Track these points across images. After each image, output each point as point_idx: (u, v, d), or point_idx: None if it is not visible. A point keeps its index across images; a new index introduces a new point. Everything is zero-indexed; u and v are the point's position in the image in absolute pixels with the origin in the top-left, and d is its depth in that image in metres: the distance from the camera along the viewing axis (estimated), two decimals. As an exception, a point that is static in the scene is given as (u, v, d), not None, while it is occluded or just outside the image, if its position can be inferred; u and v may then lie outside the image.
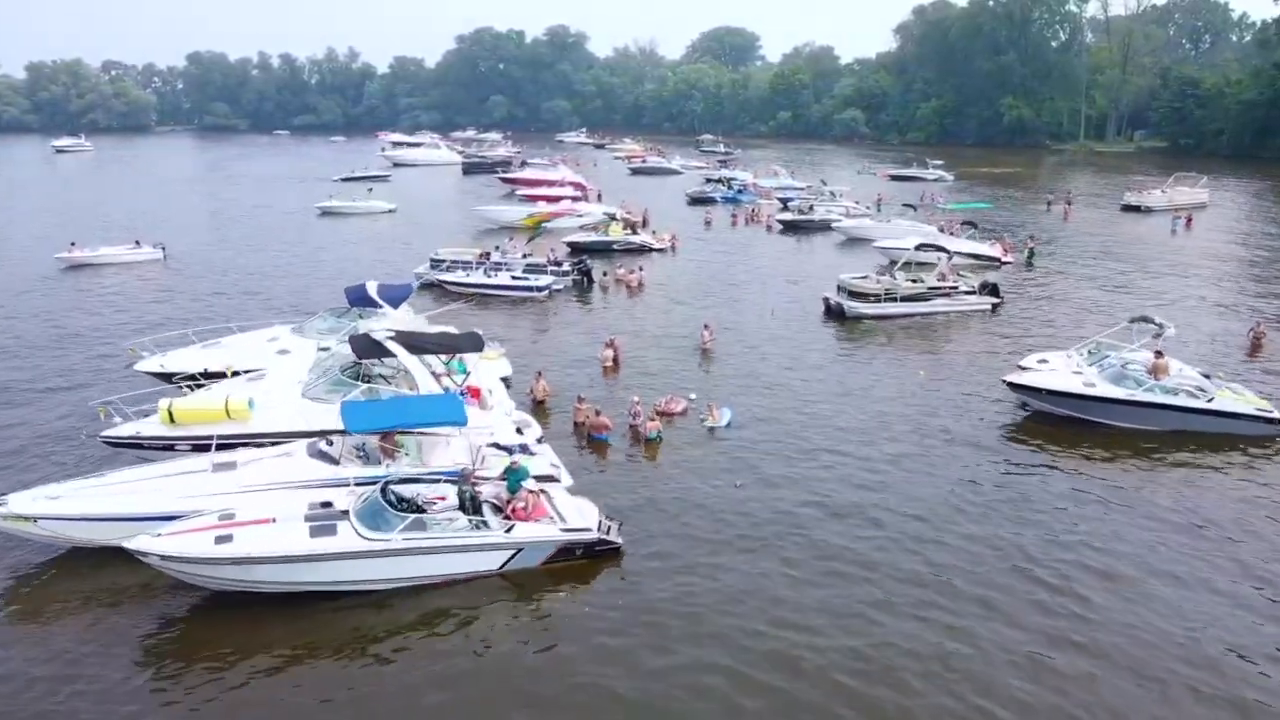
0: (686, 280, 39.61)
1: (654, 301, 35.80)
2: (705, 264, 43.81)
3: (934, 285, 32.70)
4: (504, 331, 30.79)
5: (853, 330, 31.31)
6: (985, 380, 25.32)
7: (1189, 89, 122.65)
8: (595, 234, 47.05)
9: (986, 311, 33.03)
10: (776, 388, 24.67)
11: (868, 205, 62.54)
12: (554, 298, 36.12)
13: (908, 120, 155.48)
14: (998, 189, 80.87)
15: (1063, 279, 40.12)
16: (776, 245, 50.60)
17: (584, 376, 25.64)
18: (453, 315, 30.76)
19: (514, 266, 37.69)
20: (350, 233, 54.73)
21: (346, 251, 47.89)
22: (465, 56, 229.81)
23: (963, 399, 23.91)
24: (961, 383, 25.35)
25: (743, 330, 31.16)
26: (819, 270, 42.54)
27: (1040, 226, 56.48)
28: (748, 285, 38.74)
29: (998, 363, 26.97)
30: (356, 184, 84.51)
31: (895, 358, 28.05)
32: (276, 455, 16.32)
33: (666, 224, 57.19)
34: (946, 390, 24.67)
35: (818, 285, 38.52)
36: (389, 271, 41.03)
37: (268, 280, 39.90)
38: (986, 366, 26.71)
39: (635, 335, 30.14)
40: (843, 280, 32.87)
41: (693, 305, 34.99)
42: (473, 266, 37.51)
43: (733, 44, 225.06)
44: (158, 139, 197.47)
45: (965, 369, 26.63)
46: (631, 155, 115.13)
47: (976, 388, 24.82)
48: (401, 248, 48.76)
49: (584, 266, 38.38)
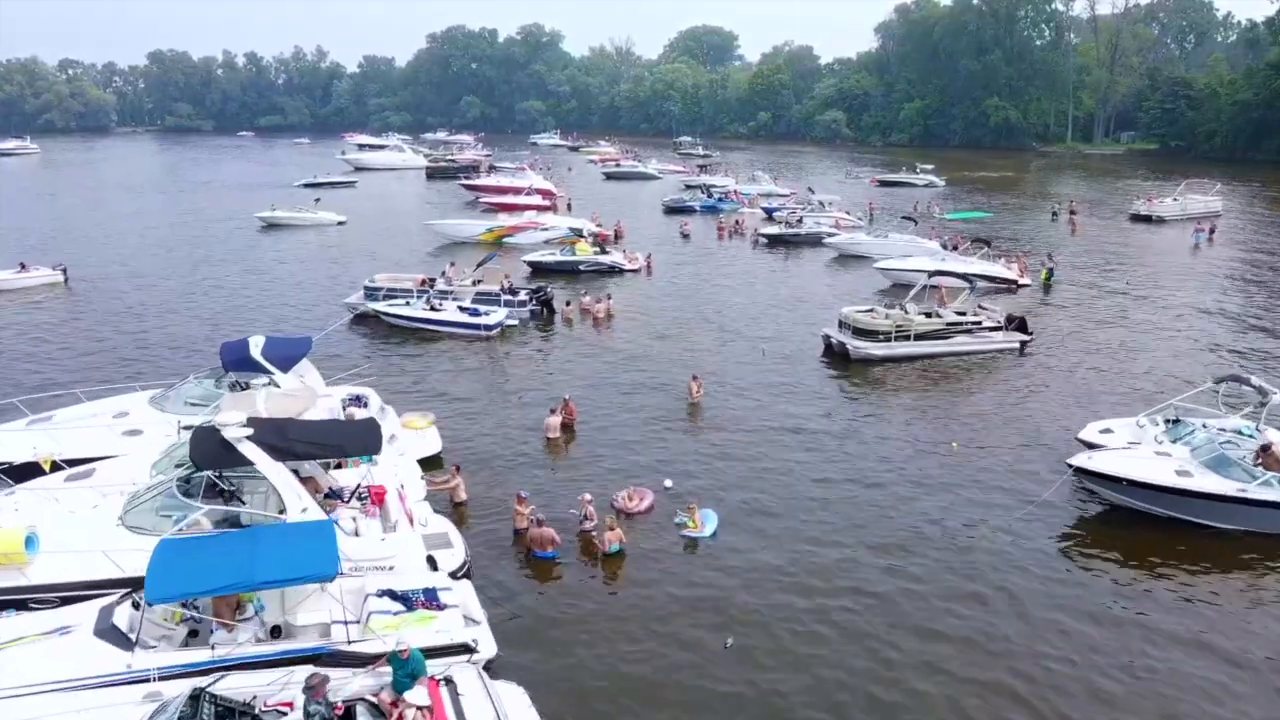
0: (662, 308, 34.49)
1: (625, 336, 30.64)
2: (683, 287, 38.71)
3: (954, 320, 27.75)
4: (441, 382, 25.53)
5: (859, 376, 26.32)
6: (1035, 454, 20.39)
7: (1180, 90, 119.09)
8: (559, 253, 41.79)
9: (1014, 351, 28.14)
10: (774, 468, 19.56)
11: (859, 215, 57.75)
12: (508, 334, 30.90)
13: (890, 121, 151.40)
14: (993, 196, 76.39)
15: (1089, 305, 35.36)
16: (762, 262, 45.58)
17: (532, 451, 20.44)
18: (371, 373, 25.56)
19: (462, 296, 32.43)
20: (291, 248, 49.16)
21: (283, 272, 42.37)
22: (437, 56, 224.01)
23: (1012, 481, 18.91)
24: (1003, 454, 20.39)
25: (728, 375, 26.09)
26: (812, 293, 37.57)
27: (1049, 240, 51.85)
28: (732, 313, 33.69)
29: (1044, 423, 22.08)
30: (318, 190, 79.29)
31: (915, 416, 23.06)
32: (46, 632, 11.03)
33: (641, 236, 52.20)
34: (988, 468, 19.68)
35: (811, 312, 33.66)
36: (325, 298, 35.73)
37: (181, 311, 34.32)
38: (1030, 430, 21.78)
39: (597, 387, 24.97)
40: (845, 314, 27.88)
41: (669, 340, 29.88)
42: (413, 295, 32.21)
43: (710, 43, 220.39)
44: (116, 141, 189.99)
45: (1003, 433, 21.68)
46: (605, 158, 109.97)
47: (1026, 463, 19.86)
48: (343, 268, 43.29)
49: (544, 295, 33.16)
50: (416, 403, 23.14)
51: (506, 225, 49.90)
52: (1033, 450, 20.55)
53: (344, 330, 31.39)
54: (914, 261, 38.65)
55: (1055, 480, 18.62)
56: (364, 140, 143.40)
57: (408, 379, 25.62)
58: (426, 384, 25.26)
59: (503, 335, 30.67)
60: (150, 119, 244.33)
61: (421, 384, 25.26)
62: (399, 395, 23.80)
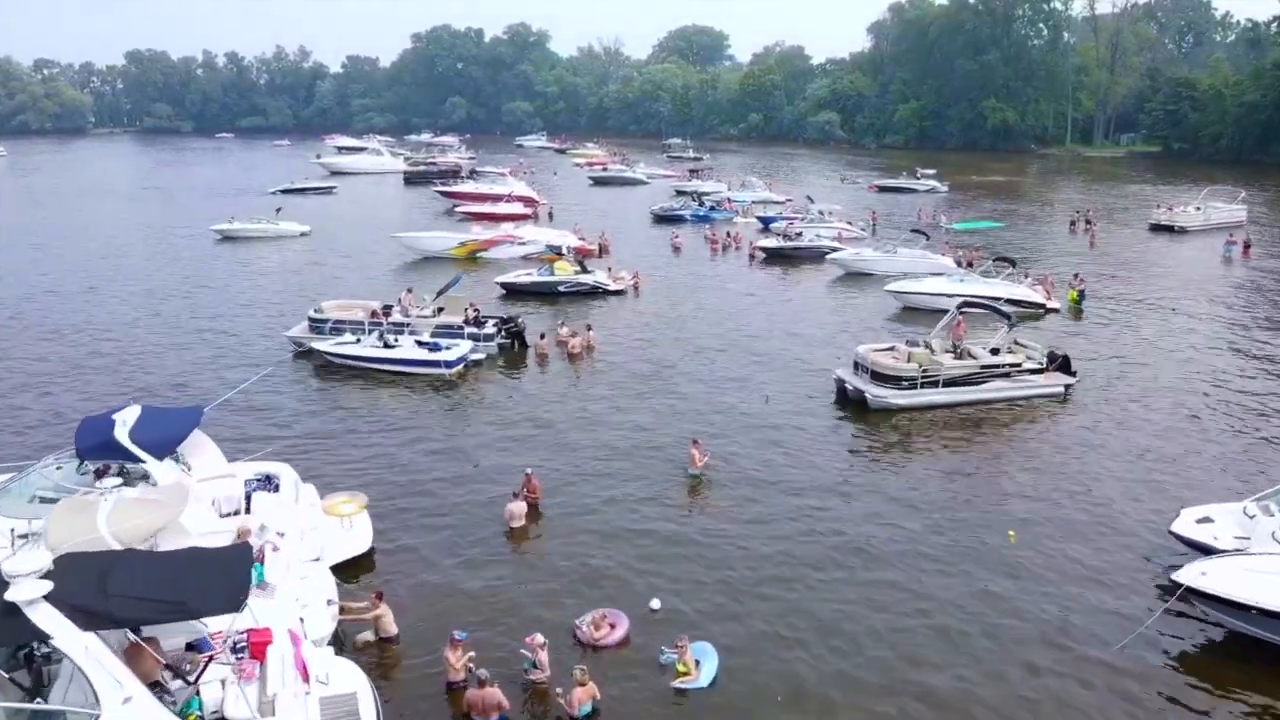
0: (650, 340, 30.44)
1: (607, 377, 26.60)
2: (673, 312, 34.68)
3: (990, 363, 23.76)
4: (387, 441, 21.43)
5: (880, 429, 22.37)
6: (1112, 545, 16.47)
7: (1184, 91, 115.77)
8: (536, 272, 37.70)
9: (1059, 396, 24.23)
10: (794, 576, 15.45)
11: (862, 226, 53.88)
12: (472, 372, 26.84)
13: (885, 123, 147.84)
14: (999, 202, 72.66)
15: (1132, 334, 31.49)
16: (759, 282, 41.59)
17: (486, 549, 16.40)
18: (294, 437, 21.44)
19: (420, 328, 28.34)
20: (247, 265, 44.91)
21: (232, 293, 38.13)
22: (422, 56, 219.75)
23: (1094, 594, 14.92)
24: (1073, 546, 16.44)
25: (728, 429, 22.11)
26: (816, 320, 33.61)
27: (1067, 252, 48.08)
28: (729, 346, 29.69)
29: (1114, 497, 18.16)
30: (297, 195, 75.21)
31: (955, 490, 19.09)
32: None
33: (628, 249, 48.20)
34: (1059, 570, 15.72)
35: (817, 345, 29.71)
36: (273, 325, 31.58)
37: (100, 349, 30.09)
38: (1099, 509, 17.82)
39: (572, 449, 20.91)
40: (862, 355, 23.89)
41: (658, 382, 25.87)
42: (364, 329, 28.10)
43: (701, 43, 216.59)
44: (92, 143, 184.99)
45: (1066, 513, 17.70)
46: (593, 161, 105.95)
47: (1105, 560, 15.90)
48: (299, 288, 39.14)
49: (514, 326, 29.07)
50: (351, 474, 19.08)
51: (480, 239, 45.80)
52: (1108, 539, 16.60)
53: (287, 367, 27.31)
54: (929, 283, 34.80)
55: (1145, 586, 14.77)
56: (345, 142, 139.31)
57: (344, 440, 21.47)
58: (368, 444, 21.18)
59: (466, 373, 26.63)
60: (129, 120, 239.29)
61: (362, 444, 21.16)
62: (331, 463, 19.76)
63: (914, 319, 33.13)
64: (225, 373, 26.42)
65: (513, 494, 17.27)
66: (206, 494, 15.32)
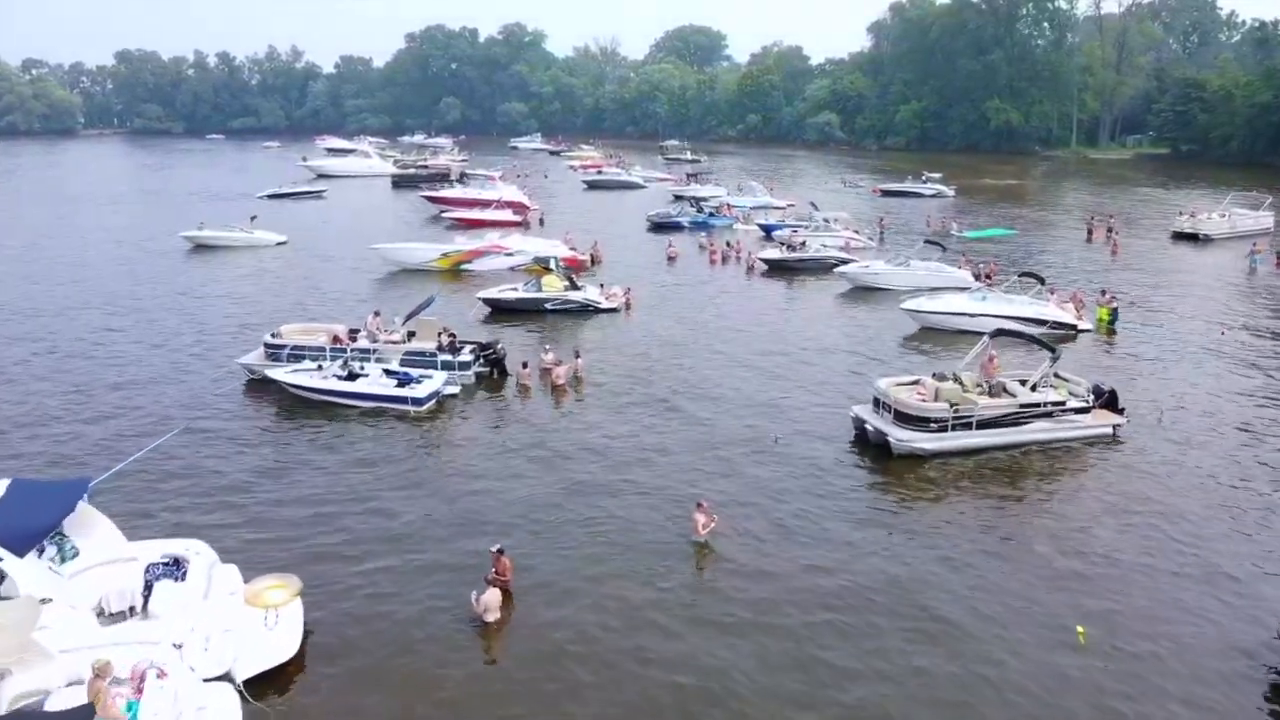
0: (644, 368, 27.48)
1: (596, 414, 23.67)
2: (669, 333, 31.79)
3: (1029, 401, 20.86)
4: (336, 500, 18.50)
5: (905, 478, 19.51)
6: (1210, 648, 13.65)
7: (1193, 91, 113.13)
8: (522, 288, 34.77)
9: (1108, 437, 21.39)
10: (821, 699, 12.68)
11: (869, 235, 51.03)
12: (445, 407, 23.96)
13: (886, 124, 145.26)
14: (1009, 207, 69.91)
15: (1173, 357, 28.63)
16: (762, 297, 38.73)
17: (437, 657, 13.51)
18: (217, 495, 18.49)
19: (388, 355, 25.45)
20: (216, 278, 41.90)
21: (192, 310, 35.17)
22: (416, 56, 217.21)
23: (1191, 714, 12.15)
24: (1160, 647, 13.60)
25: (733, 481, 19.26)
26: (826, 341, 30.71)
27: (1089, 264, 45.29)
28: (730, 375, 26.81)
29: (1195, 573, 15.34)
30: (285, 201, 72.63)
31: (1003, 564, 16.22)
32: None
33: (621, 260, 45.37)
34: (1143, 683, 12.89)
35: (828, 371, 26.85)
36: (231, 347, 28.63)
37: (31, 378, 27.21)
38: (1187, 596, 14.99)
39: (556, 508, 17.99)
40: (882, 390, 21.02)
41: (653, 418, 22.99)
42: (325, 356, 25.22)
43: (698, 43, 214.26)
44: (80, 144, 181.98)
45: (1148, 607, 14.75)
46: (588, 164, 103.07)
47: (1199, 670, 13.09)
48: (268, 303, 36.26)
49: (494, 353, 26.17)
50: (288, 545, 16.18)
51: (464, 250, 42.89)
52: (1207, 641, 13.74)
53: (234, 401, 24.41)
54: (949, 301, 31.96)
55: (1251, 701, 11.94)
56: (335, 144, 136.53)
57: (286, 497, 18.52)
58: (315, 501, 18.22)
59: (439, 409, 23.75)
60: (120, 121, 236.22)
61: (307, 502, 18.20)
62: (264, 534, 16.81)
63: (934, 340, 30.37)
64: (154, 413, 23.34)
65: (484, 579, 14.32)
66: (94, 588, 12.46)
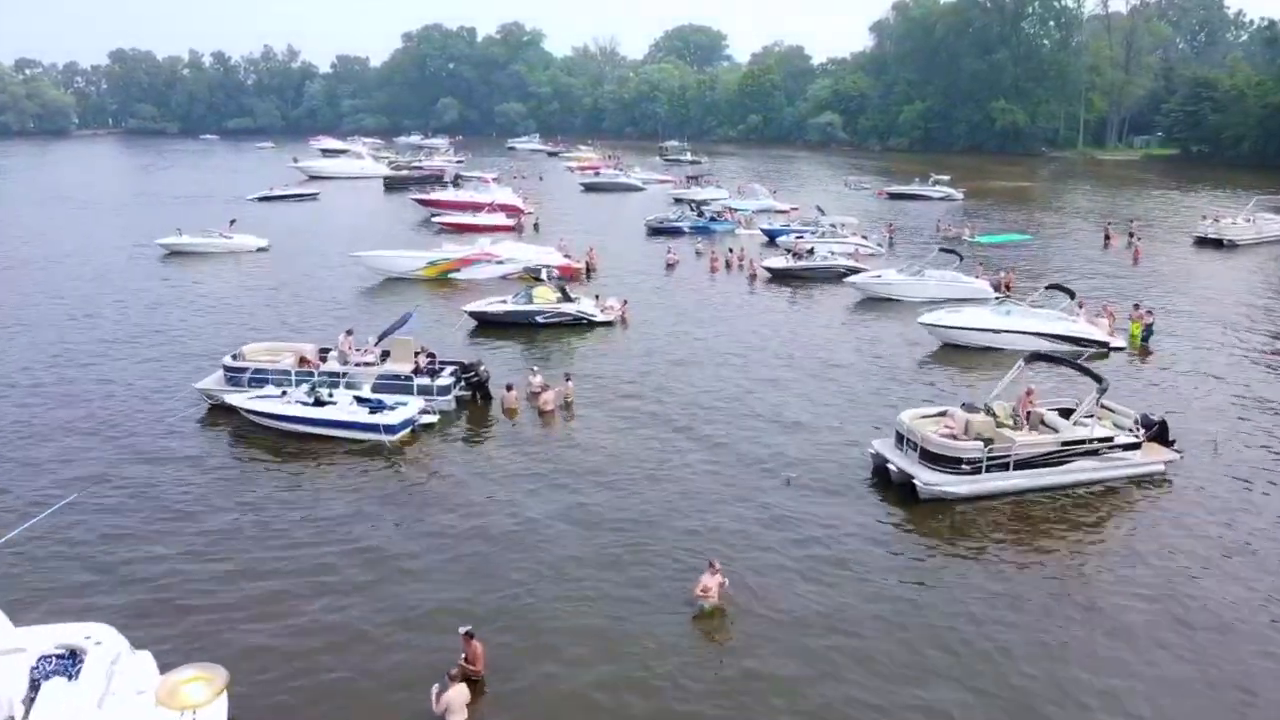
0: (641, 391, 25.22)
1: (587, 446, 21.41)
2: (668, 349, 29.56)
3: (1073, 438, 18.55)
4: (287, 556, 16.25)
5: (933, 525, 17.30)
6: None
7: (1203, 91, 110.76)
8: (511, 300, 32.48)
9: (1161, 475, 19.12)
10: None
11: (877, 241, 48.76)
12: (420, 437, 21.72)
13: (889, 125, 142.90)
14: (1020, 210, 67.64)
15: (1215, 377, 26.35)
16: (766, 308, 36.46)
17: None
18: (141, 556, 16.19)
19: (360, 379, 23.21)
20: (189, 288, 39.53)
21: (155, 323, 32.96)
22: (413, 55, 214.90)
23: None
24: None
25: (742, 523, 17.04)
26: (837, 358, 28.42)
27: (1110, 272, 43.04)
28: (735, 398, 24.56)
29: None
30: (277, 204, 70.57)
31: (1046, 630, 13.99)
32: None
33: (618, 268, 43.16)
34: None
35: (842, 395, 24.61)
36: (191, 369, 26.36)
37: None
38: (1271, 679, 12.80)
39: (544, 566, 15.75)
40: (907, 425, 18.74)
41: (651, 452, 20.76)
42: (290, 380, 22.97)
43: (698, 43, 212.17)
44: (73, 144, 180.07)
45: (1238, 668, 12.62)
46: (585, 166, 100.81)
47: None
48: (240, 317, 34.03)
49: (476, 375, 23.90)
50: (215, 630, 13.85)
51: (452, 258, 40.60)
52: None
53: (189, 429, 22.16)
54: (970, 315, 29.67)
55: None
56: (330, 144, 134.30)
57: (223, 561, 16.13)
58: (255, 576, 15.73)
59: (414, 438, 21.50)
60: (115, 121, 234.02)
61: (246, 578, 15.67)
62: (197, 602, 14.55)
63: (955, 358, 28.16)
64: (87, 456, 21.02)
65: (447, 674, 11.97)
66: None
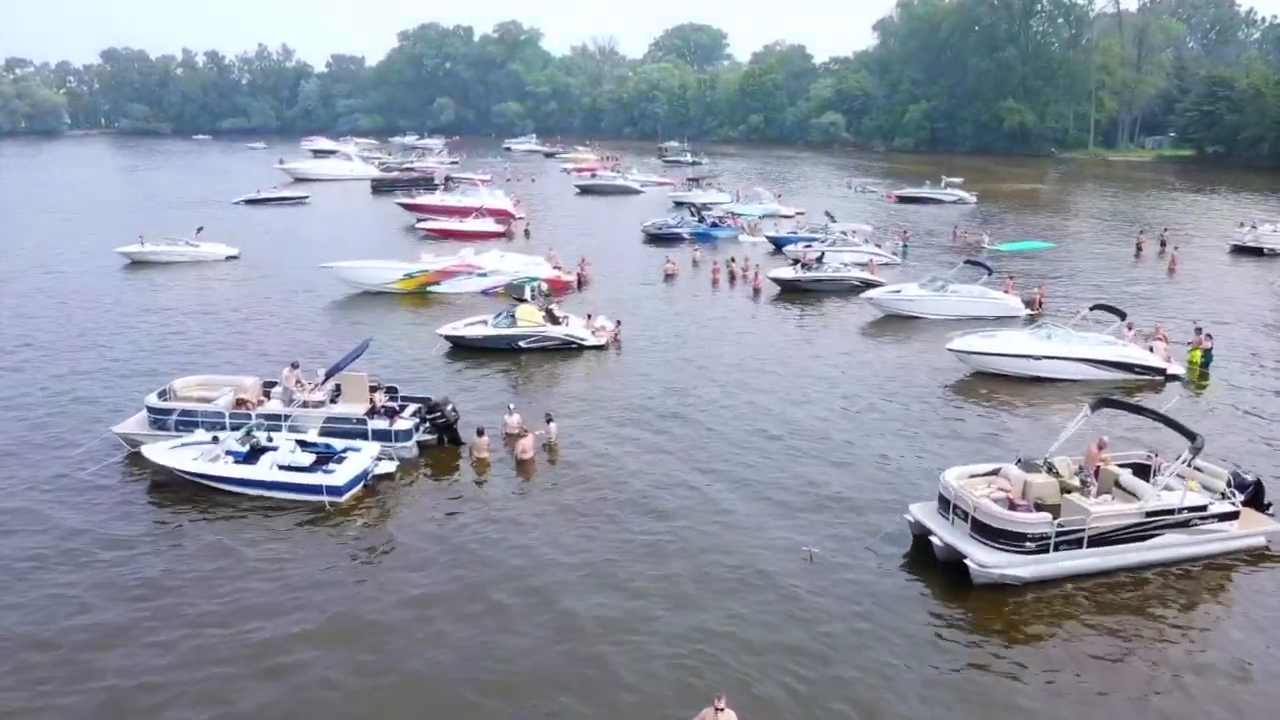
0: (634, 436, 21.85)
1: (572, 509, 18.12)
2: (666, 377, 26.24)
3: (1159, 507, 15.22)
4: (184, 679, 12.94)
5: (989, 617, 14.02)
6: None
7: (1219, 90, 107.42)
8: (492, 323, 29.10)
9: (1263, 548, 15.81)
10: None
11: (892, 250, 45.41)
12: (375, 492, 18.41)
13: (893, 125, 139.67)
14: (1037, 215, 64.30)
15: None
16: (774, 325, 33.14)
17: None
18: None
19: (305, 423, 19.89)
20: (145, 303, 36.13)
21: (107, 350, 29.62)
22: (409, 55, 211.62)
23: None
24: None
25: (755, 627, 13.76)
26: (860, 390, 25.07)
27: (1147, 285, 39.71)
28: (743, 445, 21.23)
29: None
30: (264, 207, 67.42)
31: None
32: None
33: (613, 277, 39.90)
34: None
35: (870, 442, 21.22)
36: (115, 407, 23.00)
37: None
38: None
39: (511, 687, 12.47)
40: (954, 490, 15.42)
41: (646, 518, 17.45)
42: (224, 424, 19.65)
43: (698, 42, 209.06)
44: (63, 145, 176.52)
45: None
46: (582, 168, 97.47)
47: None
48: (185, 347, 30.74)
49: (442, 416, 20.56)
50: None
51: (431, 269, 37.26)
52: None
53: (96, 486, 18.80)
54: (1007, 340, 26.11)
55: None
56: (322, 145, 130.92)
57: (110, 679, 12.88)
58: (147, 690, 12.58)
59: (368, 493, 18.20)
60: (108, 121, 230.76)
61: (140, 692, 12.57)
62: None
63: (996, 390, 24.81)
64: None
65: None
66: None
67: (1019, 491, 15.58)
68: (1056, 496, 15.50)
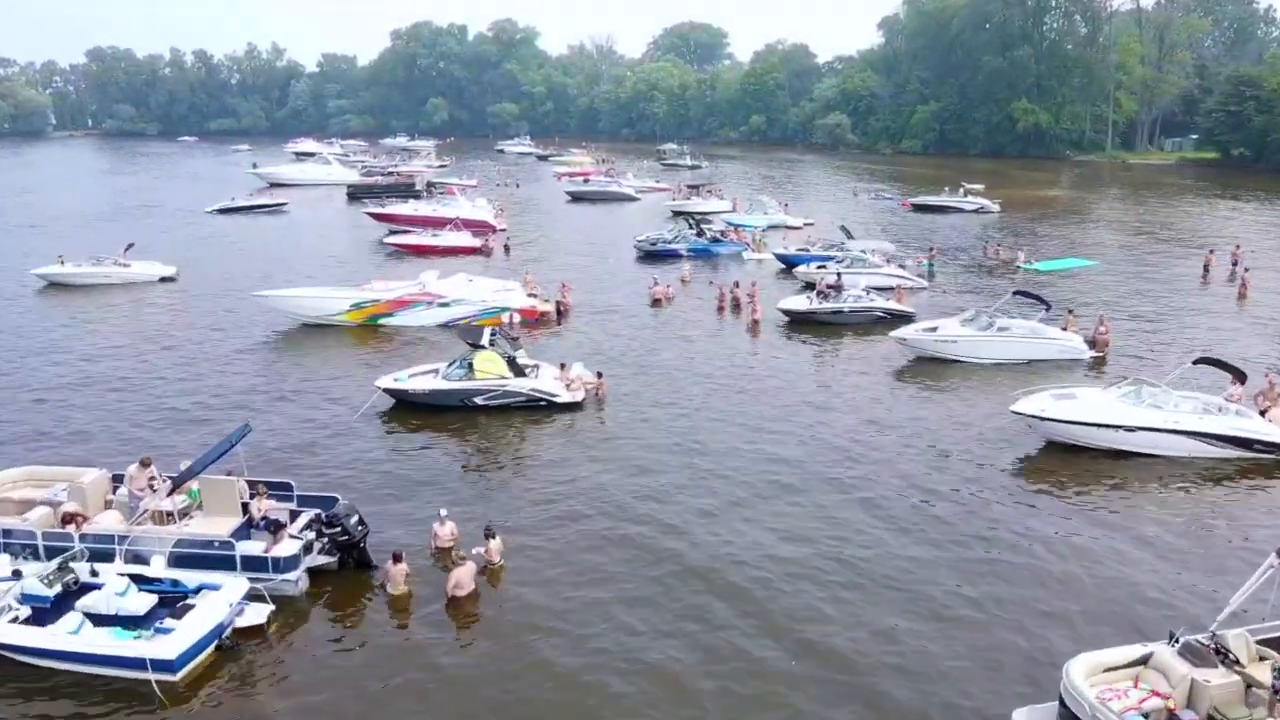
0: (616, 530, 16.44)
1: (520, 677, 12.71)
2: (652, 453, 20.75)
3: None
4: None
5: None
6: None
7: (1247, 90, 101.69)
8: (445, 373, 23.59)
9: None
10: None
11: (917, 270, 39.83)
12: (233, 651, 12.94)
13: (901, 126, 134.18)
14: (1069, 226, 58.64)
15: None
16: (788, 373, 27.50)
17: None
18: None
19: (149, 546, 14.37)
20: (38, 341, 30.79)
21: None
22: (401, 54, 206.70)
23: None
24: None
25: None
26: (904, 463, 19.53)
27: (1221, 314, 34.16)
28: (759, 543, 15.82)
29: None
30: (238, 216, 62.23)
31: None
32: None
33: (598, 305, 34.38)
34: None
35: (926, 548, 15.69)
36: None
37: None
38: None
39: None
40: (1085, 695, 9.98)
41: (618, 663, 12.03)
42: (35, 549, 14.15)
43: (698, 41, 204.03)
44: (46, 147, 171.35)
45: None
46: (576, 172, 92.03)
47: None
48: (75, 404, 25.26)
49: (345, 533, 14.96)
50: None
51: (382, 300, 31.67)
52: None
53: None
54: (1086, 406, 20.36)
55: None
56: (306, 147, 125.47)
57: None
58: None
59: (220, 662, 12.73)
60: (95, 121, 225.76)
61: None
62: None
63: (1081, 471, 19.26)
64: None
65: None
66: None
67: (1183, 699, 10.12)
68: (1240, 708, 10.04)
